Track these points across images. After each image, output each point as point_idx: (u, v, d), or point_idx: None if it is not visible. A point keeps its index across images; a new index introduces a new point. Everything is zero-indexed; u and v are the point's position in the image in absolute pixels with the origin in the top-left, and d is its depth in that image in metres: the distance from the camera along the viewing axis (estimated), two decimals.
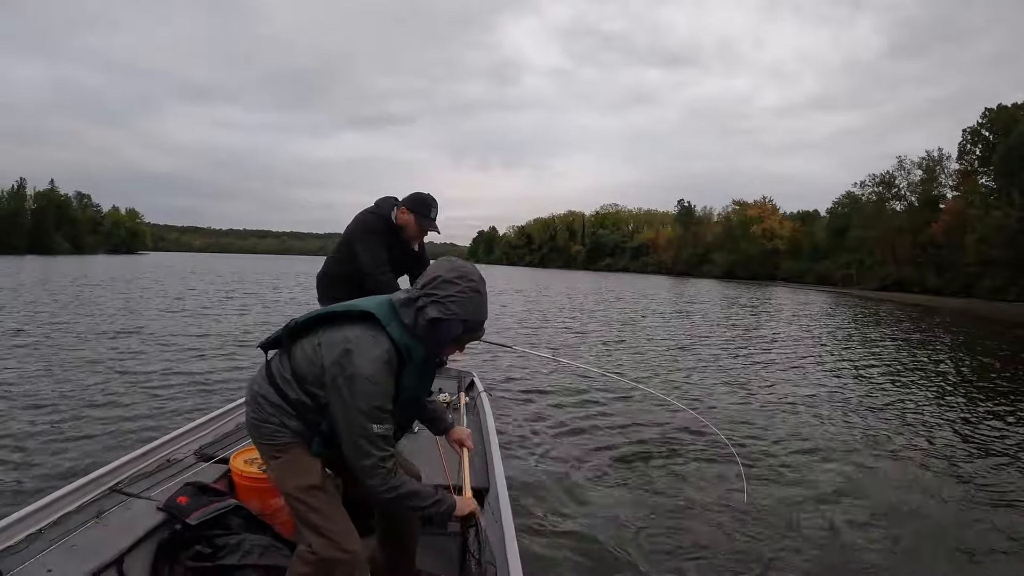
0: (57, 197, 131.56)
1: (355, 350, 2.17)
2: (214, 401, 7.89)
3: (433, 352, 2.35)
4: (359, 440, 2.18)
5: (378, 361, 2.18)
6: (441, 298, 2.21)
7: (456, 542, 3.60)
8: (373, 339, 2.21)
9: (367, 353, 2.17)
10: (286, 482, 2.37)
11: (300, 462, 2.37)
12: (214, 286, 34.70)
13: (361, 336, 2.21)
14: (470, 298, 2.24)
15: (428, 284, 2.25)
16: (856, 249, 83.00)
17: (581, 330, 19.32)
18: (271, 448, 2.39)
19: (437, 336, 2.26)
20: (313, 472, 2.39)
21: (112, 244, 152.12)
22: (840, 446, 7.46)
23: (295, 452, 2.37)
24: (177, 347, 12.61)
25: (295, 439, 2.37)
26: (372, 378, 2.16)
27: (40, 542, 2.71)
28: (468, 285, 2.25)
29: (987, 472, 6.67)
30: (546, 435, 7.33)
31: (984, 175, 65.94)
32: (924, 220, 72.17)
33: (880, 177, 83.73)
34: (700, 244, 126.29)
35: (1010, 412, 9.64)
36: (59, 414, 7.35)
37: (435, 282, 2.24)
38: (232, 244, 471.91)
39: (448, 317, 2.21)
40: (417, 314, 2.25)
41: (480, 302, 2.29)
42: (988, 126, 65.48)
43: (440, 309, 2.21)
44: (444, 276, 2.24)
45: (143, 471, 3.49)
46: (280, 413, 2.35)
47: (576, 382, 10.52)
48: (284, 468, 2.38)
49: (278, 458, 2.38)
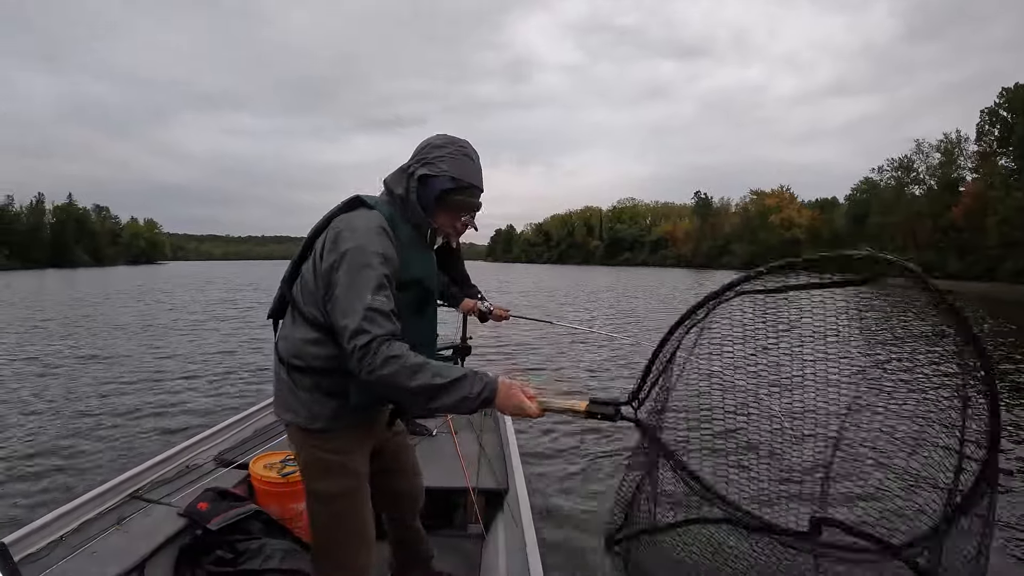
0: (76, 210, 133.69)
1: (344, 228, 2.08)
2: (232, 407, 7.93)
3: (425, 217, 2.21)
4: (354, 310, 1.94)
5: (370, 230, 2.07)
6: (431, 159, 2.17)
7: (476, 544, 3.57)
8: (361, 215, 2.14)
9: (356, 226, 2.08)
10: (314, 484, 2.27)
11: (340, 460, 2.24)
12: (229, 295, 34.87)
13: (348, 217, 2.14)
14: (459, 159, 2.19)
15: (419, 152, 2.22)
16: (876, 235, 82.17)
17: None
18: (305, 435, 2.23)
19: (426, 195, 2.18)
20: (354, 477, 2.28)
21: (131, 255, 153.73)
22: None
23: (337, 443, 2.23)
24: (194, 356, 12.71)
25: (337, 417, 2.20)
26: (365, 246, 2.03)
27: (62, 549, 2.72)
28: (457, 148, 2.20)
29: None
30: (565, 435, 7.27)
31: (1004, 156, 65.07)
32: (944, 204, 71.33)
33: (898, 162, 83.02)
34: (719, 236, 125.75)
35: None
36: (78, 423, 7.46)
37: (426, 149, 2.20)
38: (251, 251, 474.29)
39: (438, 173, 2.15)
40: (408, 180, 2.19)
41: (470, 165, 2.22)
42: (1006, 106, 64.63)
43: (429, 168, 2.16)
44: (433, 143, 2.21)
45: (163, 477, 3.51)
46: (302, 380, 2.20)
47: (597, 381, 10.48)
48: (314, 470, 2.26)
49: (312, 452, 2.23)
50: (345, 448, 2.25)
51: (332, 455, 2.23)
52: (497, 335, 13.62)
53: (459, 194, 2.19)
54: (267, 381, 9.76)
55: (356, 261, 2.00)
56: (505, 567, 2.90)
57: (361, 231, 2.06)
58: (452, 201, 2.20)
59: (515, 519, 3.17)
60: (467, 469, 3.83)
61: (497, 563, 3.02)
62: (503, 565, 2.92)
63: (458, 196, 2.19)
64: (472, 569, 3.37)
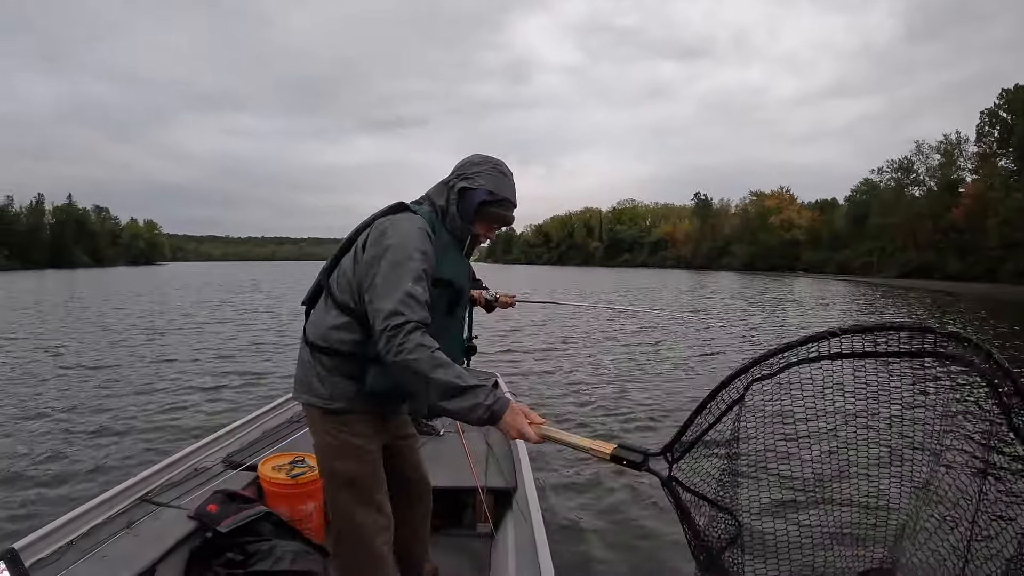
0: (76, 211, 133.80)
1: (390, 227, 2.26)
2: (241, 409, 7.89)
3: (464, 225, 2.42)
4: (393, 295, 2.07)
5: (412, 230, 2.25)
6: (470, 175, 2.40)
7: (485, 543, 3.57)
8: (406, 217, 2.31)
9: (401, 225, 2.26)
10: (333, 463, 2.38)
11: (356, 443, 2.36)
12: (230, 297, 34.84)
13: (393, 218, 2.31)
14: (495, 175, 2.42)
15: (458, 169, 2.46)
16: (876, 236, 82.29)
17: None
18: (324, 416, 2.35)
19: (464, 206, 2.40)
20: (369, 462, 2.40)
21: (131, 256, 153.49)
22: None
23: (355, 428, 2.36)
24: (200, 358, 12.70)
25: (355, 400, 2.33)
26: (408, 242, 2.20)
27: (72, 553, 2.70)
28: (494, 166, 2.43)
29: None
30: (576, 432, 7.19)
31: (1003, 157, 65.12)
32: (944, 205, 71.41)
33: (898, 163, 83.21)
34: (719, 237, 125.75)
35: None
36: (86, 427, 7.43)
37: (465, 167, 2.44)
38: (251, 252, 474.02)
39: (475, 187, 2.38)
40: (449, 192, 2.42)
41: (505, 180, 2.44)
42: (1006, 107, 64.64)
43: (468, 182, 2.39)
44: (471, 161, 2.45)
45: (172, 480, 3.50)
46: (324, 362, 2.34)
47: (602, 379, 10.51)
48: (335, 451, 2.37)
49: (330, 435, 2.36)
50: (361, 432, 2.37)
51: (349, 437, 2.35)
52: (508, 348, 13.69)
53: (495, 206, 2.42)
54: (274, 382, 9.86)
55: (398, 254, 2.16)
56: (515, 566, 2.89)
57: (404, 230, 2.24)
58: (488, 213, 2.42)
59: (524, 518, 3.16)
60: (475, 468, 3.81)
61: (507, 562, 3.01)
62: (512, 564, 2.92)
63: (494, 208, 2.42)
64: (482, 569, 3.37)
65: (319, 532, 3.50)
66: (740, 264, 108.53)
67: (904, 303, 33.55)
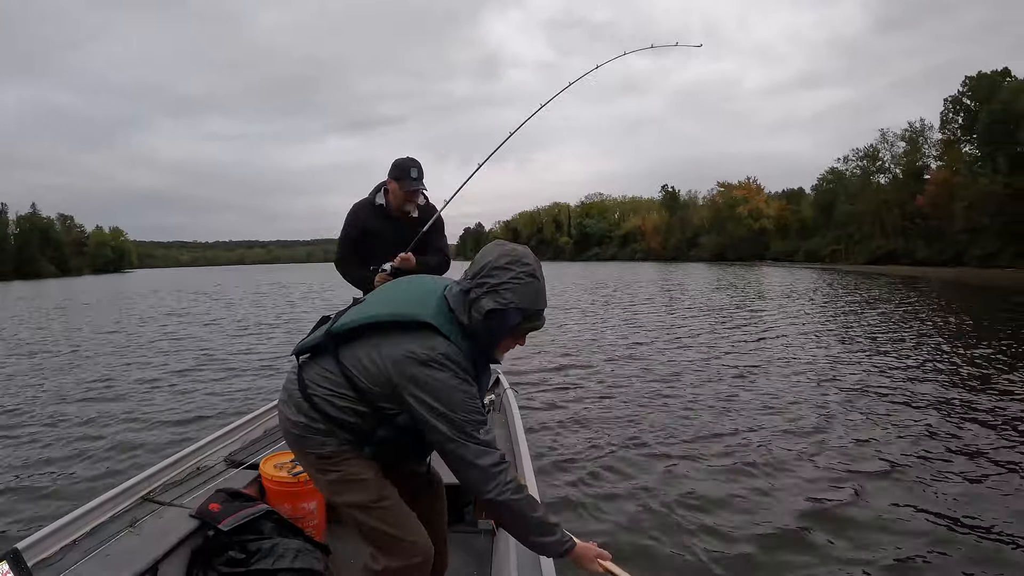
0: (40, 220, 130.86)
1: (430, 360, 2.04)
2: (241, 408, 8.04)
3: (490, 346, 2.18)
4: (461, 444, 2.03)
5: (455, 367, 2.05)
6: (494, 286, 2.06)
7: (487, 540, 3.60)
8: (443, 345, 2.06)
9: (443, 361, 2.04)
10: (342, 498, 2.26)
11: (356, 476, 2.23)
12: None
13: (429, 344, 2.06)
14: (526, 283, 2.07)
15: (479, 273, 2.10)
16: (844, 224, 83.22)
17: None
18: (319, 460, 2.24)
19: (493, 328, 2.10)
20: (372, 484, 2.25)
21: (98, 265, 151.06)
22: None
23: (348, 465, 2.23)
24: (201, 358, 13.01)
25: (345, 447, 2.22)
26: (457, 385, 2.04)
27: (75, 552, 2.72)
28: (523, 270, 2.08)
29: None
30: (574, 432, 7.29)
31: (967, 143, 66.20)
32: (910, 191, 72.22)
33: (864, 151, 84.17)
34: (688, 228, 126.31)
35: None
36: (88, 427, 7.57)
37: (486, 269, 2.09)
38: (219, 256, 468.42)
39: (504, 307, 2.05)
40: (471, 307, 2.10)
41: (538, 288, 2.11)
42: (969, 94, 65.61)
43: (495, 299, 2.05)
44: (495, 263, 2.09)
45: (174, 479, 3.52)
46: (324, 423, 2.20)
47: (604, 376, 10.57)
48: (338, 485, 2.25)
49: (329, 473, 2.24)
50: (356, 465, 2.25)
51: (347, 472, 2.23)
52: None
53: (528, 322, 2.14)
54: (275, 381, 9.75)
55: (458, 399, 2.05)
56: (516, 562, 2.88)
57: (450, 371, 2.05)
58: (520, 329, 2.16)
59: None
60: None
61: (508, 559, 3.00)
62: (514, 560, 2.90)
63: (526, 324, 2.15)
64: (483, 565, 3.39)
65: (321, 530, 3.54)
66: (709, 255, 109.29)
67: (876, 287, 34.09)
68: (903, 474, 5.74)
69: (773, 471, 5.87)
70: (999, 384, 9.22)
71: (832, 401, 8.42)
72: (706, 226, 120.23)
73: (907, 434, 6.87)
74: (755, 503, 5.22)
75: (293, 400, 2.26)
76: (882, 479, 5.63)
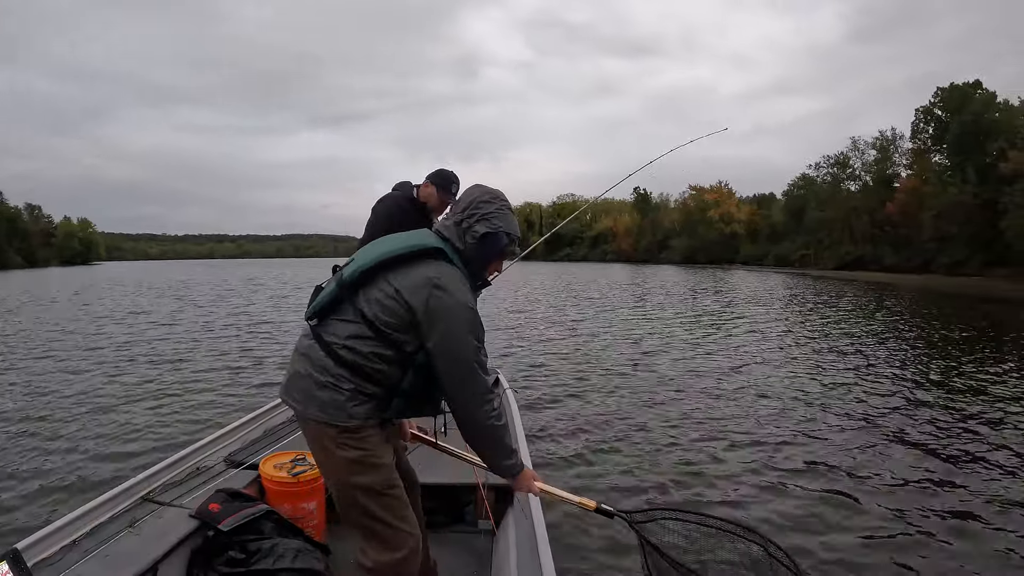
0: (7, 210, 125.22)
1: (448, 285, 2.24)
2: (241, 407, 7.98)
3: (481, 270, 2.48)
4: (473, 367, 2.26)
5: (468, 290, 2.32)
6: (484, 215, 2.39)
7: (487, 540, 3.63)
8: (455, 271, 2.33)
9: (459, 285, 2.28)
10: (357, 478, 2.30)
11: (376, 458, 2.31)
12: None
13: (444, 270, 2.29)
14: (507, 214, 2.44)
15: (468, 207, 2.42)
16: (814, 230, 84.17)
17: None
18: (341, 434, 2.27)
19: (486, 251, 2.41)
20: (387, 470, 2.37)
21: (66, 256, 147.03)
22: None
23: (370, 444, 2.30)
24: (200, 357, 12.78)
25: (371, 419, 2.30)
26: (472, 306, 2.29)
27: (75, 552, 2.73)
28: (504, 204, 2.45)
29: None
30: (574, 428, 7.34)
31: (937, 153, 67.23)
32: (880, 199, 73.35)
33: (835, 158, 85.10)
34: (659, 231, 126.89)
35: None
36: (88, 427, 7.45)
37: (474, 204, 2.42)
38: (188, 250, 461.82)
39: (496, 230, 2.39)
40: (466, 234, 2.40)
41: (513, 217, 2.47)
42: (941, 105, 66.58)
43: (487, 225, 2.38)
44: (480, 198, 2.44)
45: (174, 479, 3.52)
46: (350, 379, 2.26)
47: (602, 375, 10.76)
48: (357, 466, 2.29)
49: (350, 450, 2.27)
50: (376, 443, 2.34)
51: (368, 450, 2.30)
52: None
53: (511, 246, 2.48)
54: (275, 382, 9.49)
55: (470, 319, 2.27)
56: (516, 562, 2.93)
57: (462, 292, 2.29)
58: (506, 251, 2.49)
59: (525, 514, 3.21)
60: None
61: (508, 558, 3.05)
62: (514, 560, 2.95)
63: (510, 248, 2.49)
64: (483, 565, 3.44)
65: (321, 530, 3.55)
66: (680, 258, 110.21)
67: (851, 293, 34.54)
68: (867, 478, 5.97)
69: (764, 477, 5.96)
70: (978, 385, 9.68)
71: (833, 404, 8.56)
72: (677, 229, 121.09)
73: (891, 431, 7.23)
74: (756, 507, 5.28)
75: (316, 364, 2.29)
76: (857, 485, 5.81)
